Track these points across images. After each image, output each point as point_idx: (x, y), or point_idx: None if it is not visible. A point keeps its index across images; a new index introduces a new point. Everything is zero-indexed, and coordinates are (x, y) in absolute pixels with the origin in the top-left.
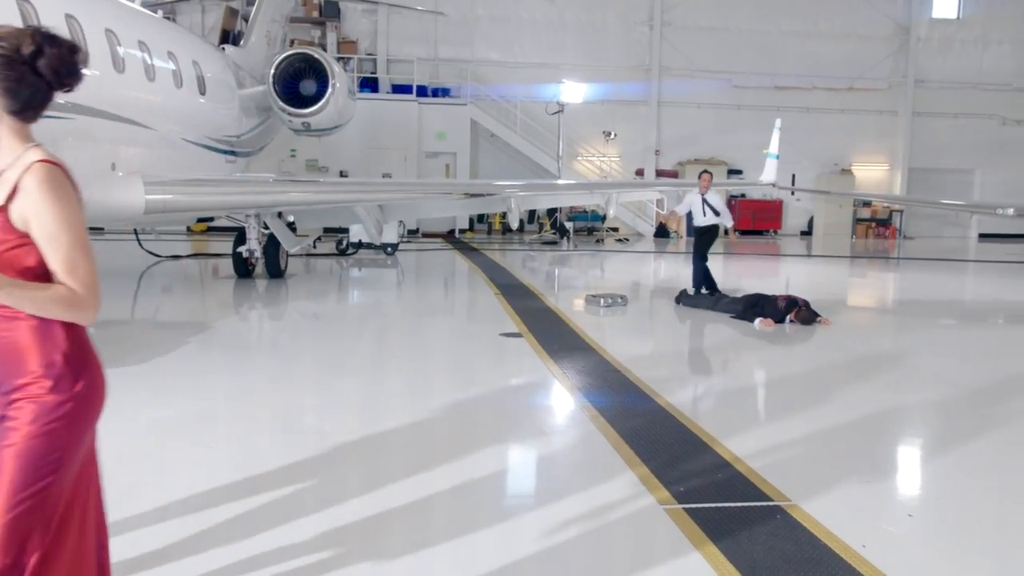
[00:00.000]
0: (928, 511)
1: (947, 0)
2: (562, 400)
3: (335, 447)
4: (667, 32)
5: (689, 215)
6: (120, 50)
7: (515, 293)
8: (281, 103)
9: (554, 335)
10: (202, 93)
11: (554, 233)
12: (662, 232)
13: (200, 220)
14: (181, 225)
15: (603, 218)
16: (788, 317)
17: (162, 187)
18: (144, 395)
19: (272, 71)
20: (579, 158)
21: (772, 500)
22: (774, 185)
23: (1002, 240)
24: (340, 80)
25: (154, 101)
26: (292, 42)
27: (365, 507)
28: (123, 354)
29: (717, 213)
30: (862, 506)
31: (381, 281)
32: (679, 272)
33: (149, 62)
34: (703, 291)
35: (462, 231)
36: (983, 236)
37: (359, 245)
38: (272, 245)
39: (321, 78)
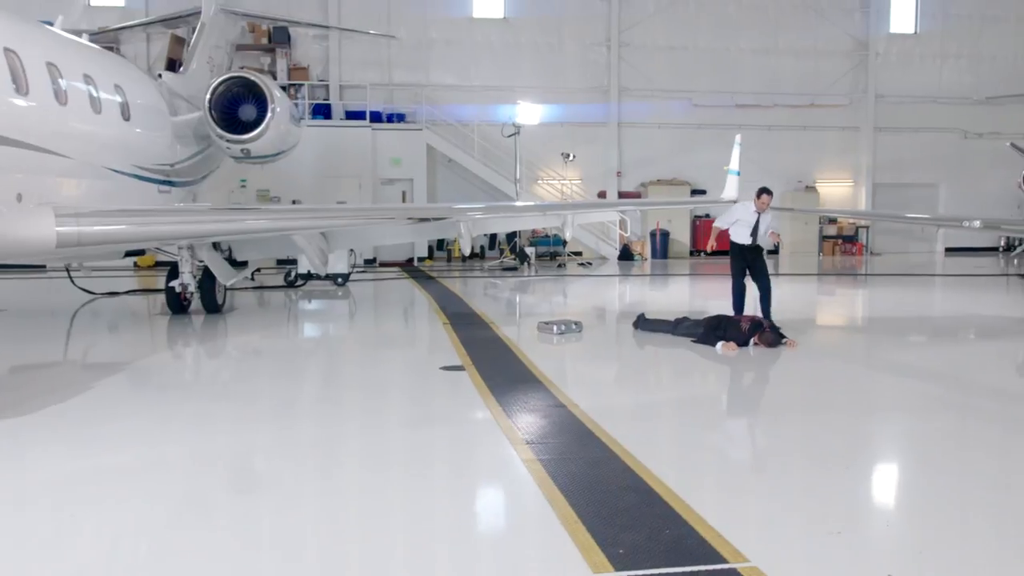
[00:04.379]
0: (912, 569)
1: (904, 15)
2: (495, 443)
3: (214, 504)
4: (625, 52)
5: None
6: (25, 72)
7: (465, 322)
8: (219, 129)
9: (500, 367)
10: (127, 119)
11: (514, 258)
12: (626, 255)
13: (129, 254)
14: (113, 260)
15: (564, 242)
16: (752, 340)
17: (76, 219)
18: (45, 446)
19: (208, 96)
20: (540, 181)
21: (727, 562)
22: (735, 202)
23: (968, 253)
24: (281, 104)
25: (68, 127)
26: (241, 69)
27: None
28: (22, 399)
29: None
30: (832, 564)
31: (327, 314)
32: (644, 295)
33: (61, 85)
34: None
35: (421, 259)
36: (949, 250)
37: (308, 276)
38: (208, 279)
39: (260, 102)
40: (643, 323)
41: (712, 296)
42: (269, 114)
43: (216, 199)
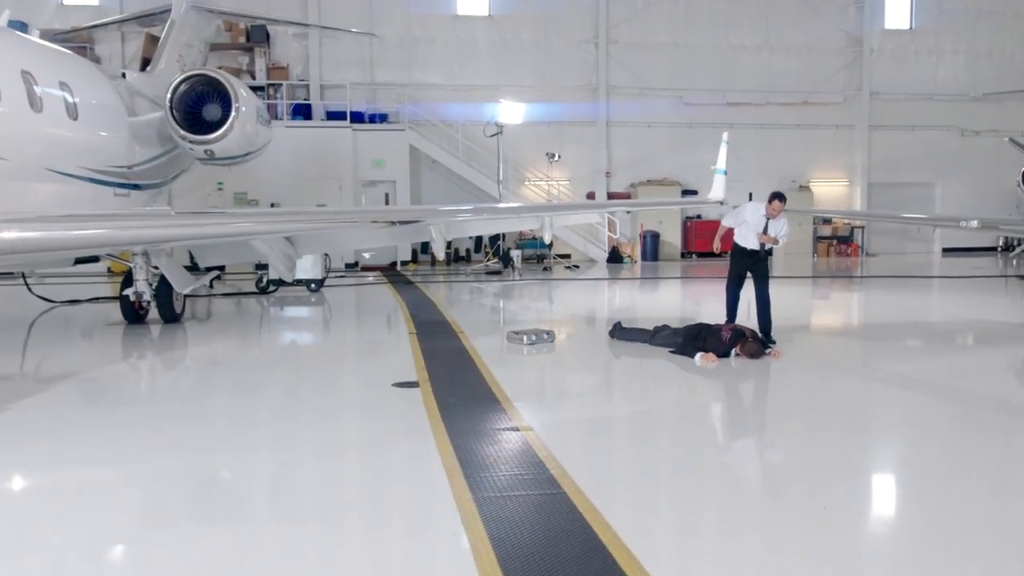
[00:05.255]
0: None
1: (899, 10)
2: (429, 477)
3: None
4: (613, 50)
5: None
6: None
7: (433, 332)
8: (180, 130)
9: (458, 382)
10: (73, 118)
11: (497, 262)
12: (615, 257)
13: (80, 261)
14: (64, 267)
15: (549, 245)
16: (733, 351)
17: (6, 224)
18: None
19: (168, 95)
20: (527, 183)
21: None
22: (722, 203)
23: (966, 254)
24: (246, 103)
25: (1, 127)
26: (219, 68)
27: None
28: None
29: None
30: None
31: (291, 322)
32: (629, 300)
33: None
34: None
35: (404, 263)
36: (947, 250)
37: (279, 282)
38: (165, 286)
39: (225, 101)
40: (619, 332)
41: (704, 300)
42: (233, 113)
43: (192, 202)
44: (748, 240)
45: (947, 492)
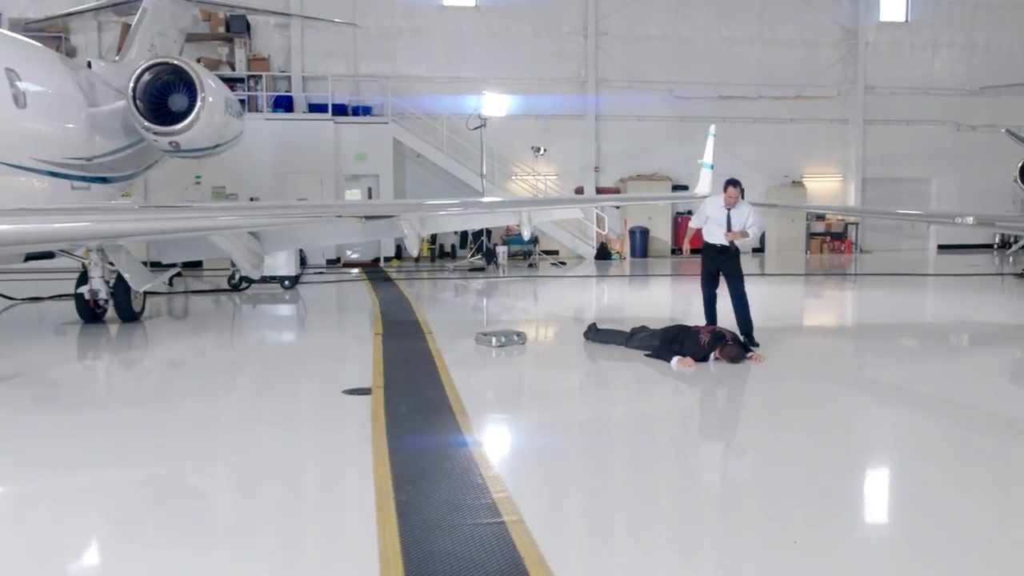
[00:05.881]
0: None
1: (895, 3)
2: (354, 507)
3: None
4: (603, 42)
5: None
6: None
7: (401, 333)
8: (144, 121)
9: (414, 390)
10: (21, 107)
11: (480, 258)
12: (603, 254)
13: (32, 257)
14: (13, 263)
15: (534, 240)
16: (713, 354)
17: None
18: None
19: (131, 84)
20: (514, 177)
21: None
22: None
23: (962, 250)
24: (213, 93)
25: None
26: (199, 60)
27: None
28: None
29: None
30: None
31: (256, 321)
32: (614, 298)
33: None
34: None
35: (388, 259)
36: (942, 247)
37: (250, 280)
38: (122, 284)
39: (191, 91)
40: (594, 333)
41: (693, 298)
42: (199, 103)
43: (169, 196)
44: (715, 236)
45: (927, 522)
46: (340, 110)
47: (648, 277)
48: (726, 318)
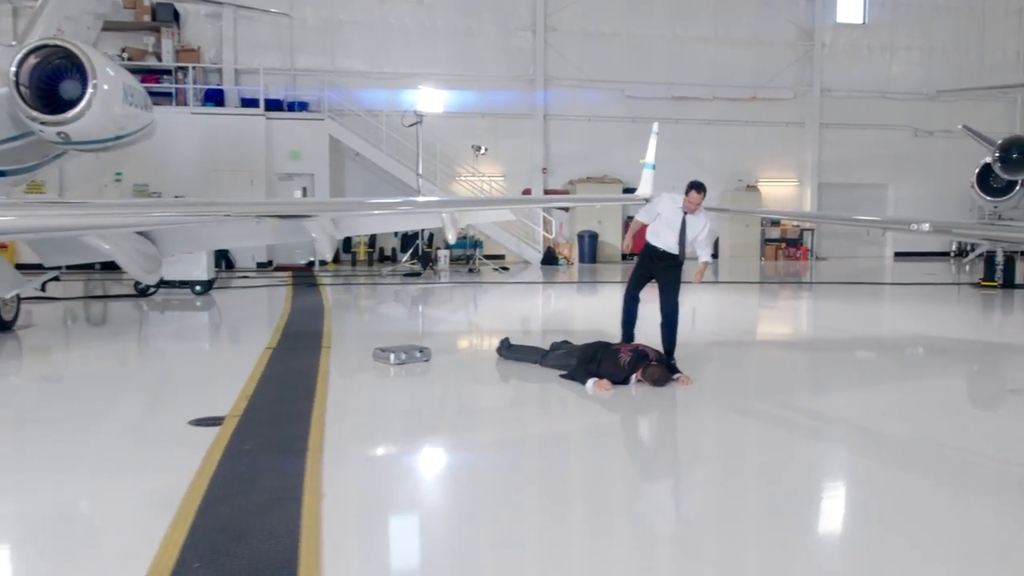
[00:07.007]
0: None
1: (852, 4)
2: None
3: None
4: (552, 38)
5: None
6: None
7: (294, 347)
8: (27, 108)
9: (274, 420)
10: None
11: (414, 263)
12: (550, 259)
13: None
14: None
15: (475, 244)
16: (634, 376)
17: None
18: None
19: (14, 68)
20: (459, 178)
21: None
22: (647, 200)
23: (918, 258)
24: (109, 80)
25: None
26: (123, 50)
27: None
28: None
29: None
30: None
31: (144, 333)
32: (552, 307)
33: None
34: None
35: (323, 263)
36: (899, 254)
37: (159, 284)
38: None
39: (84, 77)
40: (507, 350)
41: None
42: (90, 90)
43: (85, 193)
44: (661, 238)
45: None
46: (275, 105)
47: (594, 284)
48: (646, 334)
